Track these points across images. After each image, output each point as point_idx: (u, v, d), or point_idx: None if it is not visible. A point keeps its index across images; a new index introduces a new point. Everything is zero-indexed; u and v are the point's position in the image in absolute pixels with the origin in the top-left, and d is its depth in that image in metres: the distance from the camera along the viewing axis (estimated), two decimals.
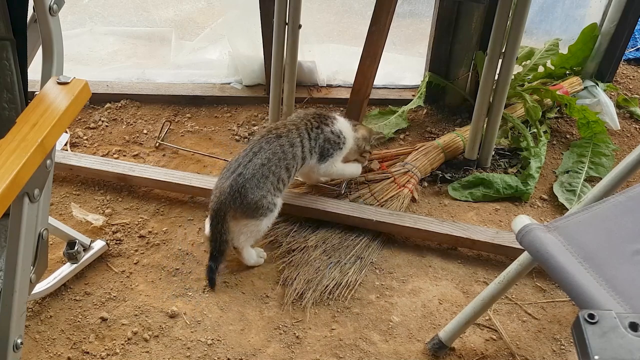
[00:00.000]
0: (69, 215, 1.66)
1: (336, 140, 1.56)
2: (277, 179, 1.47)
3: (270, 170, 1.45)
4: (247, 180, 1.42)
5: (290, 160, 1.49)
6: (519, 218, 1.00)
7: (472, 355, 1.37)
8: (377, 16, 1.64)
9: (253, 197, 1.43)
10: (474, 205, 1.75)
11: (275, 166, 1.46)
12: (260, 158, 1.45)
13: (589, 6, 2.08)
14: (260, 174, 1.44)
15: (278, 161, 1.46)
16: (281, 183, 1.48)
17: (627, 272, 0.90)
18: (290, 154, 1.48)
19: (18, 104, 0.97)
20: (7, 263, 0.88)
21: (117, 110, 2.06)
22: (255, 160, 1.45)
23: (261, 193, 1.44)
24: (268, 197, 1.45)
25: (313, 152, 1.54)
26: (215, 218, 1.43)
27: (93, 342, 1.37)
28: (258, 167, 1.44)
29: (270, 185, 1.46)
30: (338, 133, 1.57)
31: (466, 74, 1.97)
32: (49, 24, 0.92)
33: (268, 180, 1.45)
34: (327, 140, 1.55)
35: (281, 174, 1.47)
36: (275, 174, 1.46)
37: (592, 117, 1.89)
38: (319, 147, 1.55)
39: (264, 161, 1.45)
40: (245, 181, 1.42)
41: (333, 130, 1.56)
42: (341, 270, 1.52)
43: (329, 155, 1.56)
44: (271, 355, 1.35)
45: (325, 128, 1.55)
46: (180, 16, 2.42)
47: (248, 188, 1.42)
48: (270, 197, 1.46)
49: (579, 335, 0.57)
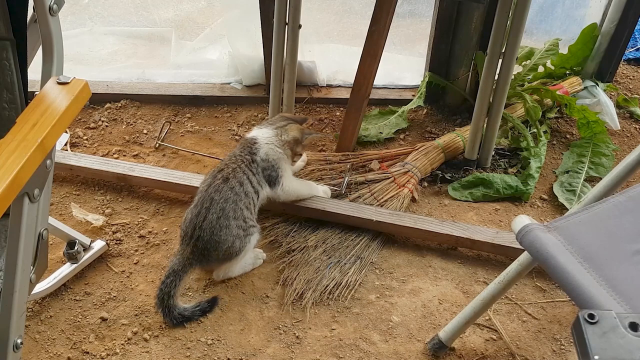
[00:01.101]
0: (69, 215, 1.66)
1: (268, 165, 1.50)
2: (242, 220, 1.43)
3: (228, 218, 1.40)
4: (207, 242, 1.39)
5: (245, 199, 1.44)
6: (519, 218, 1.00)
7: (472, 355, 1.37)
8: (377, 16, 1.64)
9: (221, 250, 1.40)
10: (474, 205, 1.75)
11: (233, 211, 1.41)
12: (215, 212, 1.39)
13: (589, 6, 2.08)
14: (220, 225, 1.39)
15: (235, 205, 1.41)
16: (249, 220, 1.45)
17: (627, 272, 0.90)
18: (242, 193, 1.43)
19: (18, 104, 0.97)
20: (7, 263, 0.88)
21: (117, 110, 2.06)
22: (210, 217, 1.39)
23: (229, 242, 1.40)
24: (237, 243, 1.41)
25: (262, 184, 1.49)
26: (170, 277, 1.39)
27: (93, 342, 1.37)
28: (215, 222, 1.39)
29: (237, 231, 1.41)
30: (265, 158, 1.49)
31: (466, 74, 1.97)
32: (49, 24, 0.92)
33: (231, 228, 1.40)
34: (264, 169, 1.50)
35: (243, 214, 1.43)
36: (238, 217, 1.42)
37: (592, 117, 1.89)
38: (264, 177, 1.50)
39: (219, 213, 1.39)
40: (206, 243, 1.39)
41: (261, 157, 1.49)
42: (341, 270, 1.52)
43: (276, 178, 1.51)
44: (271, 355, 1.35)
45: (255, 157, 1.49)
46: (180, 16, 2.42)
47: (211, 250, 1.39)
48: (241, 240, 1.42)
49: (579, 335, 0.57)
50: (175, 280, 1.39)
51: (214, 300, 1.44)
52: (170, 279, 1.39)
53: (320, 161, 1.81)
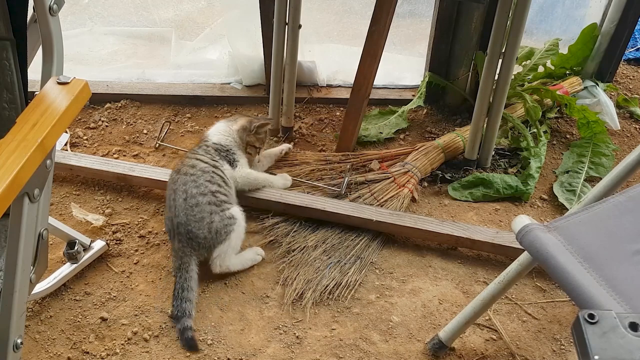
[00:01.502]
0: (69, 215, 1.66)
1: (223, 148, 1.60)
2: (210, 195, 1.47)
3: (194, 195, 1.46)
4: (187, 224, 1.44)
5: (204, 175, 1.50)
6: (519, 218, 1.00)
7: (472, 355, 1.37)
8: (377, 16, 1.64)
9: (203, 230, 1.44)
10: (474, 205, 1.75)
11: (196, 187, 1.47)
12: (179, 197, 1.47)
13: (589, 6, 2.08)
14: (190, 205, 1.45)
15: (194, 182, 1.48)
16: (221, 195, 1.49)
17: (627, 272, 0.90)
18: (198, 171, 1.50)
19: (18, 104, 0.97)
20: (7, 263, 0.88)
21: (117, 110, 2.06)
22: (178, 203, 1.46)
23: (207, 218, 1.45)
24: (216, 218, 1.45)
25: (219, 161, 1.56)
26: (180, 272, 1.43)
27: (93, 342, 1.37)
28: (183, 204, 1.46)
29: (209, 207, 1.46)
30: (217, 142, 1.60)
31: (466, 74, 1.97)
32: (49, 24, 0.92)
33: (201, 204, 1.45)
34: (218, 149, 1.59)
35: (209, 188, 1.48)
36: (204, 192, 1.47)
37: (592, 117, 1.89)
38: (219, 156, 1.58)
39: (183, 195, 1.46)
40: (186, 225, 1.44)
41: (214, 142, 1.61)
42: (341, 270, 1.52)
43: (234, 161, 1.60)
44: (271, 355, 1.35)
45: (208, 143, 1.60)
46: (180, 16, 2.42)
47: (194, 230, 1.44)
48: (220, 216, 1.46)
49: (579, 335, 0.57)
50: (184, 275, 1.42)
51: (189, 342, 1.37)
52: (179, 277, 1.43)
53: (320, 161, 1.81)
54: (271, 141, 1.94)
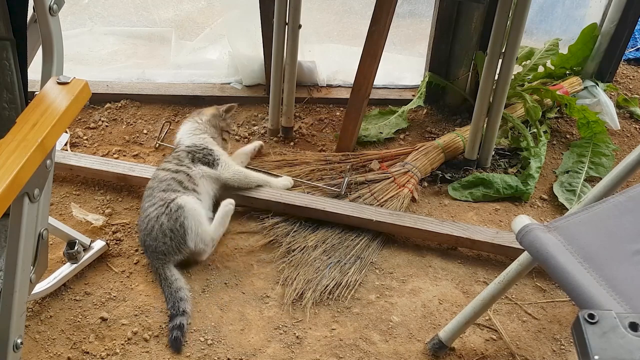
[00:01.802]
0: (69, 215, 1.66)
1: (198, 149, 1.61)
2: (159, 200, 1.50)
3: (144, 208, 1.52)
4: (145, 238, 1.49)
5: (159, 184, 1.53)
6: (519, 218, 1.00)
7: (472, 355, 1.37)
8: (377, 16, 1.64)
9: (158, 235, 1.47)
10: (474, 205, 1.75)
11: (149, 200, 1.52)
12: (142, 214, 1.53)
13: (589, 6, 2.08)
14: (142, 219, 1.51)
15: (149, 197, 1.53)
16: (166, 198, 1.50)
17: (627, 272, 0.90)
18: (157, 181, 1.54)
19: (18, 104, 0.97)
20: (7, 263, 0.88)
21: (117, 110, 2.06)
22: (139, 220, 1.53)
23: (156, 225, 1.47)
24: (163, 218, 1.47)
25: (188, 164, 1.57)
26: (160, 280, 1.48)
27: (93, 342, 1.37)
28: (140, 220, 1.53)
29: (156, 211, 1.49)
30: (191, 144, 1.62)
31: (466, 74, 1.97)
32: (49, 24, 0.92)
33: (150, 214, 1.49)
34: (192, 152, 1.60)
35: (161, 195, 1.51)
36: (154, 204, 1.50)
37: (592, 117, 1.89)
38: (191, 159, 1.59)
39: (141, 212, 1.53)
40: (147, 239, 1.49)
41: (187, 145, 1.62)
42: (341, 270, 1.52)
43: (214, 160, 1.60)
44: (271, 355, 1.35)
45: (178, 149, 1.62)
46: (180, 16, 2.42)
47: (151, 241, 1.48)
48: (166, 214, 1.47)
49: (579, 335, 0.57)
50: (164, 282, 1.46)
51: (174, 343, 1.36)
52: (161, 285, 1.47)
53: (320, 161, 1.81)
54: (271, 141, 1.94)
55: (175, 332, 1.35)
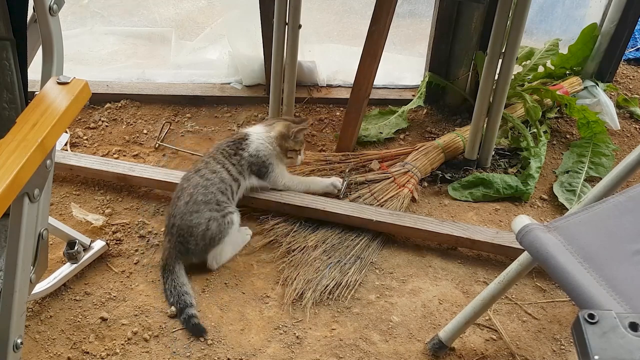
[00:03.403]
0: (69, 215, 1.66)
1: (258, 161, 1.58)
2: (214, 204, 1.48)
3: (197, 202, 1.46)
4: (180, 227, 1.45)
5: (220, 184, 1.50)
6: (519, 218, 1.00)
7: (472, 355, 1.37)
8: (377, 16, 1.64)
9: (197, 235, 1.45)
10: (474, 205, 1.75)
11: (203, 195, 1.47)
12: (183, 199, 1.48)
13: (589, 6, 2.08)
14: (189, 210, 1.46)
15: (205, 189, 1.48)
16: (223, 204, 1.49)
17: (627, 272, 0.90)
18: (217, 178, 1.50)
19: (18, 104, 0.97)
20: (7, 263, 0.88)
21: (117, 110, 2.06)
22: (179, 204, 1.47)
23: (203, 225, 1.45)
24: (214, 225, 1.46)
25: (245, 175, 1.56)
26: (164, 274, 1.46)
27: (93, 342, 1.37)
28: (183, 207, 1.46)
29: (210, 213, 1.46)
30: (255, 154, 1.57)
31: (466, 74, 1.97)
32: (49, 24, 0.92)
33: (202, 211, 1.46)
34: (252, 164, 1.57)
35: (216, 197, 1.48)
36: (209, 201, 1.47)
37: (592, 117, 1.89)
38: (249, 171, 1.57)
39: (187, 198, 1.47)
40: (179, 228, 1.45)
41: (250, 153, 1.57)
42: (341, 270, 1.52)
43: (266, 173, 1.59)
44: (271, 355, 1.35)
45: (243, 153, 1.57)
46: (180, 16, 2.42)
47: (186, 235, 1.45)
48: (217, 222, 1.47)
49: (579, 335, 0.57)
50: (170, 276, 1.45)
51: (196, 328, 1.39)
52: (165, 278, 1.46)
53: (320, 161, 1.81)
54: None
55: (192, 320, 1.38)
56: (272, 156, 1.60)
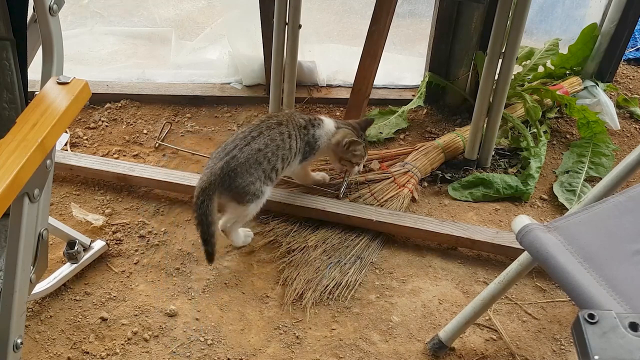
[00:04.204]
0: (69, 215, 1.66)
1: (312, 146, 1.56)
2: (270, 168, 1.46)
3: (266, 157, 1.44)
4: (239, 164, 1.41)
5: (286, 152, 1.48)
6: (519, 218, 1.00)
7: (472, 355, 1.37)
8: (377, 16, 1.64)
9: (242, 182, 1.42)
10: (474, 205, 1.75)
11: (272, 154, 1.45)
12: (258, 143, 1.43)
13: (589, 6, 2.08)
14: (254, 159, 1.42)
15: (276, 149, 1.45)
16: (274, 173, 1.47)
17: (627, 272, 0.90)
18: (287, 144, 1.48)
19: (18, 104, 0.97)
20: (7, 263, 0.88)
21: (117, 110, 2.06)
22: (252, 145, 1.43)
23: (250, 179, 1.43)
24: (257, 184, 1.44)
25: (299, 152, 1.54)
26: (201, 197, 1.39)
27: (93, 342, 1.37)
28: (254, 152, 1.42)
29: (261, 173, 1.44)
30: (317, 138, 1.56)
31: (466, 74, 1.97)
32: (49, 24, 0.92)
33: (261, 167, 1.44)
34: (307, 143, 1.55)
35: (277, 163, 1.47)
36: (271, 161, 1.45)
37: (592, 117, 1.89)
38: (302, 150, 1.55)
39: (262, 146, 1.43)
40: (237, 165, 1.41)
41: (314, 134, 1.55)
42: (341, 270, 1.52)
43: (305, 158, 1.57)
44: (271, 355, 1.35)
45: (310, 130, 1.55)
46: (180, 16, 2.42)
47: (239, 172, 1.41)
48: (259, 185, 1.45)
49: (579, 335, 0.57)
50: (205, 200, 1.38)
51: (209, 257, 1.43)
52: (201, 199, 1.39)
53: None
54: None
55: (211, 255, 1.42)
56: (321, 151, 1.59)
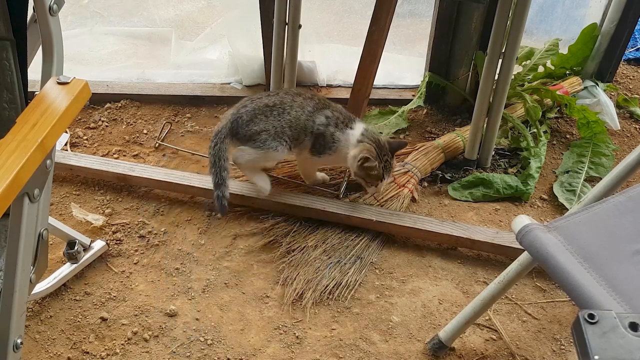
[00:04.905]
0: (69, 215, 1.66)
1: (327, 144, 1.52)
2: (279, 126, 1.50)
3: (272, 113, 1.51)
4: (247, 112, 1.52)
5: (292, 120, 1.51)
6: (519, 218, 1.00)
7: (472, 355, 1.37)
8: (377, 16, 1.64)
9: (248, 129, 1.51)
10: (474, 205, 1.75)
11: (279, 114, 1.51)
12: (268, 99, 1.54)
13: (589, 6, 2.08)
14: (261, 111, 1.51)
15: (282, 111, 1.51)
16: (285, 135, 1.51)
17: (627, 272, 0.90)
18: (295, 113, 1.51)
19: (18, 104, 0.97)
20: (7, 263, 0.88)
21: (117, 110, 2.06)
22: (263, 100, 1.54)
23: (256, 128, 1.50)
24: (263, 135, 1.50)
25: (308, 133, 1.52)
26: (214, 139, 1.52)
27: (93, 342, 1.37)
28: (262, 105, 1.52)
29: (270, 126, 1.50)
30: (335, 139, 1.52)
31: (466, 74, 1.97)
32: (49, 24, 0.92)
33: (267, 120, 1.50)
34: (324, 136, 1.52)
35: (284, 126, 1.51)
36: (278, 120, 1.50)
37: (592, 117, 1.89)
38: (313, 136, 1.52)
39: (269, 103, 1.52)
40: (245, 112, 1.52)
41: (333, 133, 1.52)
42: (341, 270, 1.52)
43: (318, 153, 1.54)
44: (271, 355, 1.35)
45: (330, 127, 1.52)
46: (180, 16, 2.42)
47: (244, 119, 1.51)
48: (267, 136, 1.50)
49: (579, 335, 0.57)
50: (218, 142, 1.51)
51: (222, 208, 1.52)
52: (214, 142, 1.52)
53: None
54: None
55: (222, 200, 1.50)
56: (337, 156, 1.54)
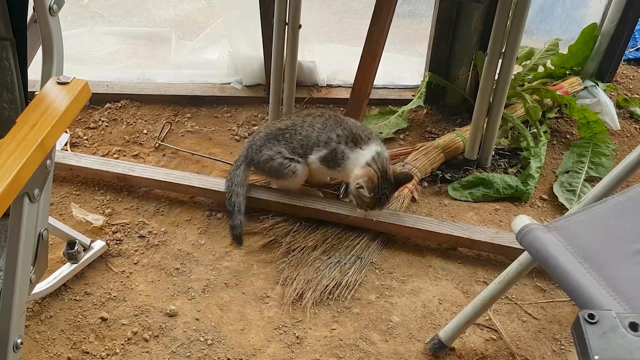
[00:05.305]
0: (69, 215, 1.66)
1: (335, 160, 1.51)
2: (292, 147, 1.54)
3: (284, 137, 1.54)
4: (259, 138, 1.57)
5: (303, 138, 1.54)
6: (519, 218, 1.00)
7: (472, 355, 1.37)
8: (377, 16, 1.64)
9: (260, 156, 1.55)
10: (474, 205, 1.75)
11: (291, 136, 1.54)
12: (281, 123, 1.58)
13: (589, 6, 2.08)
14: (273, 135, 1.56)
15: (294, 132, 1.55)
16: (296, 155, 1.54)
17: (627, 272, 0.90)
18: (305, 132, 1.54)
19: (18, 104, 0.97)
20: (7, 263, 0.88)
21: (117, 110, 2.06)
22: (277, 124, 1.58)
23: (269, 153, 1.52)
24: (277, 159, 1.53)
25: (320, 145, 1.53)
26: (232, 166, 1.61)
27: (93, 342, 1.37)
28: (275, 129, 1.56)
29: (284, 149, 1.54)
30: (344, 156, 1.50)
31: (466, 74, 1.97)
32: (49, 24, 0.92)
33: (279, 144, 1.53)
34: (336, 152, 1.51)
35: (294, 147, 1.54)
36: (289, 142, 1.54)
37: (592, 117, 1.89)
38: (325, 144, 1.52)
39: (282, 126, 1.56)
40: (258, 138, 1.57)
41: (344, 151, 1.50)
42: (341, 270, 1.52)
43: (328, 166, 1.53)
44: (271, 355, 1.35)
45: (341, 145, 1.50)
46: (180, 16, 2.42)
47: (257, 145, 1.56)
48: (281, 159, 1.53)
49: (579, 335, 0.57)
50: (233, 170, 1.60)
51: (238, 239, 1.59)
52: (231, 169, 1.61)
53: None
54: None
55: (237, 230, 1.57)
56: (344, 173, 1.53)
